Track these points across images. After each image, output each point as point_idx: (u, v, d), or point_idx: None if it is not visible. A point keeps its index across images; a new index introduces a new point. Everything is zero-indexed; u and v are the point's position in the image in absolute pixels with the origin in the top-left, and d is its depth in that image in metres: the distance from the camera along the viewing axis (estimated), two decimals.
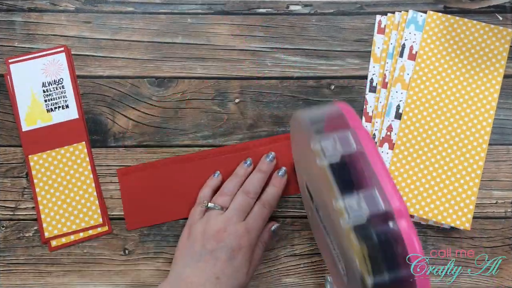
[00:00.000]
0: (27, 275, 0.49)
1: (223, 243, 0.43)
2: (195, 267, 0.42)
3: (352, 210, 0.28)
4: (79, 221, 0.50)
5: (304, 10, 0.54)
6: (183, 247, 0.45)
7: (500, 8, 0.54)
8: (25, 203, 0.50)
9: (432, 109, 0.51)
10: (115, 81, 0.53)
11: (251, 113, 0.52)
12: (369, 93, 0.52)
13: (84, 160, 0.51)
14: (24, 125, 0.51)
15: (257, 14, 0.54)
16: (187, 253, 0.44)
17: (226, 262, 0.42)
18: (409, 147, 0.50)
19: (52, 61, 0.52)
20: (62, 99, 0.52)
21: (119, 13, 0.54)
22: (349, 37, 0.53)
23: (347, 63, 0.53)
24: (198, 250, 0.43)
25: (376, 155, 0.30)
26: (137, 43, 0.53)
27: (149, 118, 0.52)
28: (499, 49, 0.52)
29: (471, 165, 0.49)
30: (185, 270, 0.43)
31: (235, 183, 0.48)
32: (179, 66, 0.53)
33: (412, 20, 0.53)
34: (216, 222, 0.44)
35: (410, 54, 0.52)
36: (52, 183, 0.50)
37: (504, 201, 0.51)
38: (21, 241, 0.50)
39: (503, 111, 0.52)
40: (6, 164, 0.51)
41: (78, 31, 0.53)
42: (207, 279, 0.41)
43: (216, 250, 0.43)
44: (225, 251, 0.43)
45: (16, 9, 0.54)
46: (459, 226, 0.48)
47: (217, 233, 0.43)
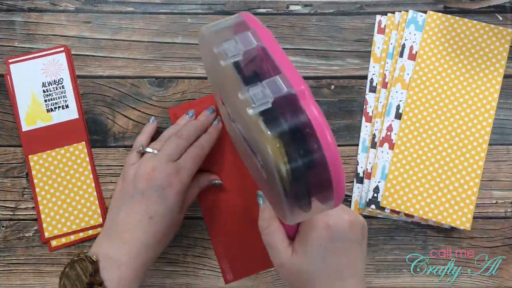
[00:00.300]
0: (27, 275, 0.49)
1: (154, 182, 0.43)
2: (128, 209, 0.43)
3: (257, 98, 0.29)
4: (79, 221, 0.50)
5: (304, 10, 0.54)
6: (117, 191, 0.46)
7: (500, 8, 0.54)
8: (25, 203, 0.50)
9: (432, 109, 0.51)
10: (115, 81, 0.53)
11: None
12: (369, 93, 0.52)
13: (84, 160, 0.51)
14: (24, 125, 0.51)
15: (257, 14, 0.54)
16: (120, 196, 0.44)
17: (158, 201, 0.43)
18: (409, 147, 0.50)
19: (52, 61, 0.52)
20: (62, 99, 0.52)
21: (119, 13, 0.54)
22: (349, 37, 0.53)
23: (347, 63, 0.53)
24: (130, 192, 0.43)
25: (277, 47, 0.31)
26: (137, 43, 0.53)
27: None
28: (499, 49, 0.52)
29: (471, 165, 0.49)
30: (119, 213, 0.43)
31: (172, 130, 0.48)
32: (179, 66, 0.53)
33: (412, 20, 0.53)
34: (147, 164, 0.44)
35: (410, 54, 0.52)
36: (52, 183, 0.50)
37: (504, 201, 0.51)
38: (21, 241, 0.50)
39: (503, 111, 0.52)
40: (6, 164, 0.51)
41: (78, 31, 0.53)
42: (140, 220, 0.42)
43: (147, 190, 0.43)
44: (155, 189, 0.43)
45: (16, 9, 0.54)
46: (459, 226, 0.48)
47: (148, 174, 0.43)
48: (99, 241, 0.42)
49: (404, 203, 0.49)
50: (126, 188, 0.44)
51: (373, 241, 0.50)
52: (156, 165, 0.44)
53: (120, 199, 0.44)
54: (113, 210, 0.44)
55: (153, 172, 0.43)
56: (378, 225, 0.50)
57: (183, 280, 0.49)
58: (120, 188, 0.45)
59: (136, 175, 0.44)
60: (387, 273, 0.50)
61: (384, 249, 0.50)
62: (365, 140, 0.51)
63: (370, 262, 0.50)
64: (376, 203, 0.49)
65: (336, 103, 0.52)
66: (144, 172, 0.44)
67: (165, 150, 0.45)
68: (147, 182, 0.43)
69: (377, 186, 0.49)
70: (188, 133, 0.47)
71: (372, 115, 0.52)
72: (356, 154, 0.51)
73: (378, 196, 0.49)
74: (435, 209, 0.48)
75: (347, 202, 0.51)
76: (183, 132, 0.47)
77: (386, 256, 0.50)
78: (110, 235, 0.42)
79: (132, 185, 0.44)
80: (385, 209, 0.49)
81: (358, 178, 0.51)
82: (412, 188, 0.49)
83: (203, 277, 0.50)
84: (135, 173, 0.44)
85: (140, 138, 0.49)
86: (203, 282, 0.49)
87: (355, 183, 0.51)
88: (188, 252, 0.50)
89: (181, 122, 0.50)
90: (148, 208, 0.42)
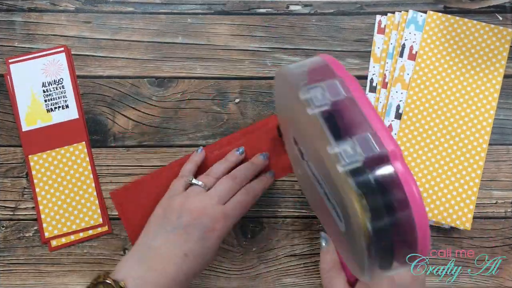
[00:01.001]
0: (27, 275, 0.49)
1: (199, 220, 0.42)
2: (166, 238, 0.42)
3: (347, 155, 0.28)
4: (79, 221, 0.50)
5: (304, 10, 0.54)
6: (158, 216, 0.44)
7: (500, 8, 0.54)
8: (25, 203, 0.50)
9: (432, 109, 0.51)
10: (115, 81, 0.53)
11: (251, 113, 0.52)
12: (369, 93, 0.52)
13: (84, 160, 0.51)
14: (24, 125, 0.51)
15: (257, 14, 0.54)
16: (162, 223, 0.43)
17: (198, 240, 0.42)
18: (409, 147, 0.50)
19: (52, 61, 0.52)
20: (62, 99, 0.52)
21: (119, 13, 0.54)
22: (349, 37, 0.53)
23: (347, 63, 0.53)
24: (172, 222, 0.43)
25: (366, 100, 0.30)
26: (137, 43, 0.53)
27: (149, 118, 0.52)
28: (499, 49, 0.51)
29: (471, 165, 0.49)
30: (156, 239, 0.42)
31: (223, 167, 0.48)
32: (179, 66, 0.53)
33: (412, 20, 0.53)
34: (196, 199, 0.44)
35: (410, 54, 0.52)
36: (52, 183, 0.50)
37: (504, 201, 0.51)
38: (21, 241, 0.50)
39: (503, 111, 0.52)
40: (6, 164, 0.51)
41: (78, 31, 0.53)
42: (176, 254, 0.41)
43: (189, 226, 0.42)
44: (199, 229, 0.42)
45: (16, 9, 0.54)
46: (459, 226, 0.48)
47: (195, 210, 0.43)
48: (129, 264, 0.41)
49: None
50: (168, 218, 0.43)
51: None
52: (205, 205, 0.43)
53: (160, 226, 0.43)
54: (149, 236, 0.43)
55: (202, 211, 0.43)
56: None
57: None
58: (162, 215, 0.44)
59: (183, 208, 0.43)
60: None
61: None
62: None
63: None
64: None
65: None
66: (192, 207, 0.43)
67: (216, 190, 0.45)
68: (192, 218, 0.42)
69: None
70: (242, 177, 0.46)
71: None
72: None
73: None
74: (435, 209, 0.48)
75: None
76: (237, 174, 0.46)
77: None
78: (142, 261, 0.41)
79: (176, 216, 0.43)
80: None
81: None
82: None
83: (203, 277, 0.50)
84: (182, 205, 0.43)
85: (188, 166, 0.48)
86: (203, 282, 0.49)
87: None
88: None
89: (231, 158, 0.49)
90: (186, 245, 0.41)
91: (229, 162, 0.48)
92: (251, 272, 0.50)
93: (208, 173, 0.47)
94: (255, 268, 0.50)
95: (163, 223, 0.43)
